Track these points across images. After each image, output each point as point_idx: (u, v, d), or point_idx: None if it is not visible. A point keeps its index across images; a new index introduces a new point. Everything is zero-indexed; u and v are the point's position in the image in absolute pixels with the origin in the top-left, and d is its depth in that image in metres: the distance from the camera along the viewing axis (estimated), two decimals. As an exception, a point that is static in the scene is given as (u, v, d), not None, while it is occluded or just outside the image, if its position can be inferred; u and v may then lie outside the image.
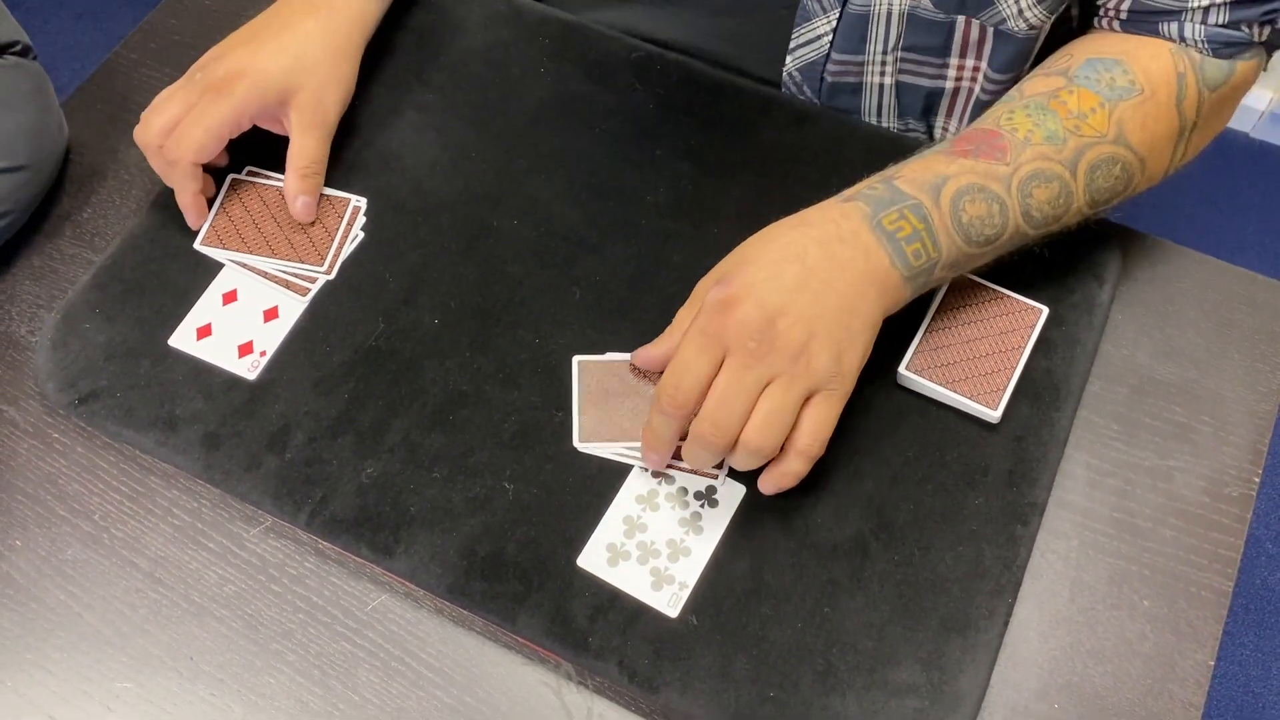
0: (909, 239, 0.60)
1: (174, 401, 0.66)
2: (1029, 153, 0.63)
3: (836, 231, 0.60)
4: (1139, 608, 0.62)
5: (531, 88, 0.78)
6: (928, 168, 0.62)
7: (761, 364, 0.57)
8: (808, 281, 0.58)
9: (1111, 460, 0.67)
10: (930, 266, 0.61)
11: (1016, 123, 0.64)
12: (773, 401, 0.57)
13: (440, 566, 0.61)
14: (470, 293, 0.70)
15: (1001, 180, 0.62)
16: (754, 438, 0.57)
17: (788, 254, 0.59)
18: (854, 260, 0.59)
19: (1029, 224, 0.63)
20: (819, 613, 0.60)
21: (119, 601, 0.63)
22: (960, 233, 0.61)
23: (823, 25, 0.75)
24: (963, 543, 0.62)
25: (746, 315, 0.57)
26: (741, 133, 0.76)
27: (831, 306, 0.58)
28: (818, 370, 0.58)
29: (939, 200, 0.61)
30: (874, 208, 0.61)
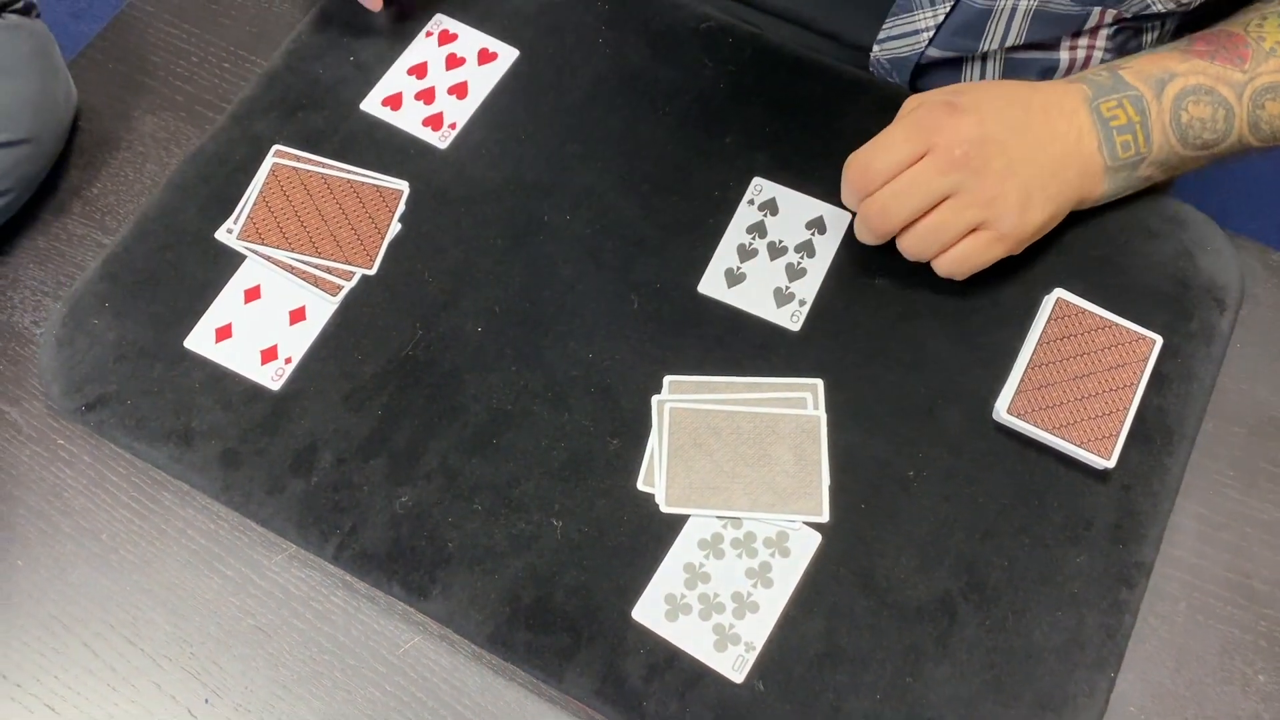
0: (1122, 129, 0.59)
1: (190, 412, 0.60)
2: (1271, 64, 0.60)
3: (1058, 103, 0.59)
4: (1253, 683, 0.56)
5: (588, 60, 0.70)
6: (1157, 62, 0.61)
7: (956, 174, 0.57)
8: (1026, 128, 0.58)
9: (1225, 512, 0.60)
10: (1136, 161, 0.60)
11: (1267, 30, 0.61)
12: (944, 216, 0.58)
13: (480, 612, 0.56)
14: (516, 297, 0.63)
15: (1234, 86, 0.60)
16: (911, 241, 0.59)
17: (1015, 98, 0.59)
18: (1067, 134, 0.59)
19: (1255, 135, 0.61)
20: (900, 683, 0.54)
21: (129, 631, 0.58)
22: (1177, 132, 0.60)
23: (925, 19, 0.67)
24: (1062, 607, 0.55)
25: (966, 124, 0.57)
26: (823, 119, 0.68)
27: (1038, 159, 0.58)
28: (1000, 208, 0.57)
29: (1161, 95, 0.60)
30: (1095, 91, 0.60)
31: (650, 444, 0.59)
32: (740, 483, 0.57)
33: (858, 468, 0.58)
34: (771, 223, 0.65)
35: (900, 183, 0.57)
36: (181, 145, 0.71)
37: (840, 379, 0.60)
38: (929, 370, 0.61)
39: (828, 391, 0.60)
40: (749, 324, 0.62)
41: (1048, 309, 0.61)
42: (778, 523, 0.57)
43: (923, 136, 0.57)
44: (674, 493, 0.57)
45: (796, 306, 0.62)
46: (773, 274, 0.63)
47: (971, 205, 0.57)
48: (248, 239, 0.64)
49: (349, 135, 0.68)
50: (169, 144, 0.71)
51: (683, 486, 0.58)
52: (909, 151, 0.57)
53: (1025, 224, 0.58)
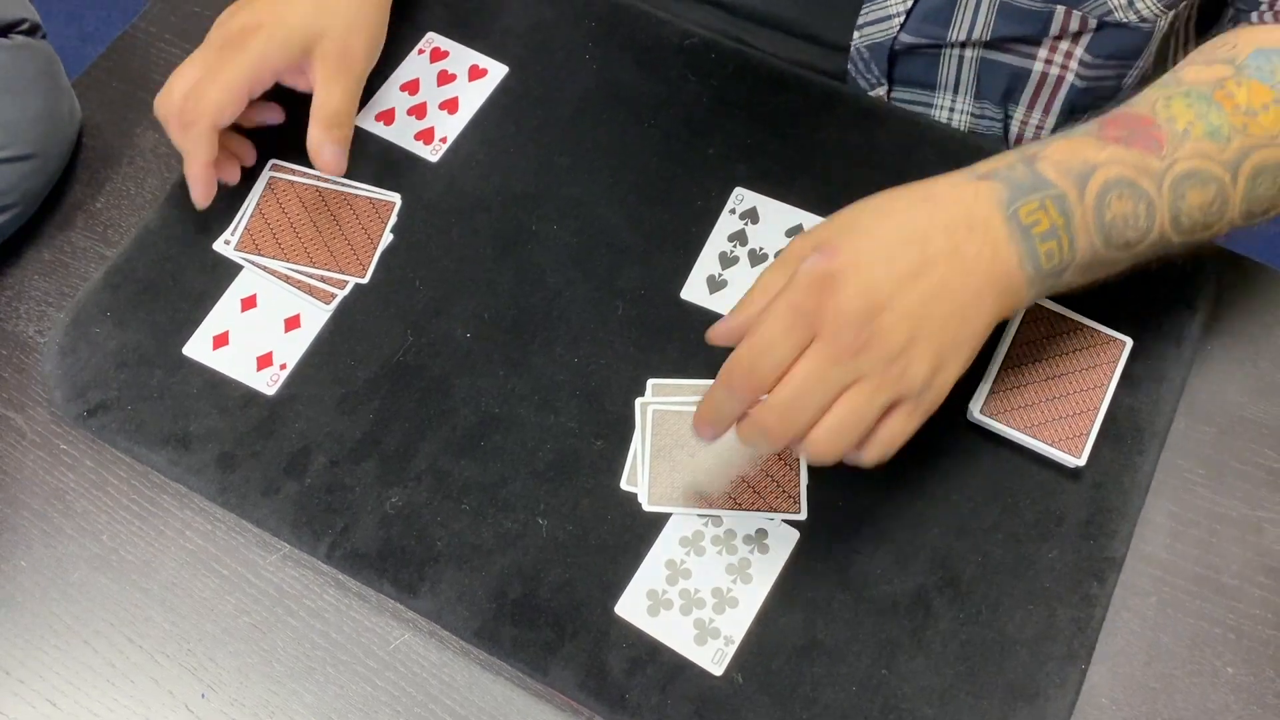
0: (1045, 235, 0.52)
1: (188, 417, 0.62)
2: (1188, 148, 0.55)
3: (966, 216, 0.52)
4: (1222, 675, 0.57)
5: (576, 75, 0.73)
6: (1074, 151, 0.54)
7: (852, 361, 0.50)
8: (924, 273, 0.51)
9: (1195, 509, 0.61)
10: (1061, 269, 0.54)
11: (1175, 111, 0.56)
12: (853, 406, 0.50)
13: (468, 609, 0.57)
14: (505, 304, 0.65)
15: (1153, 176, 0.54)
16: (822, 441, 0.51)
17: (907, 234, 0.52)
18: (980, 256, 0.52)
19: (1175, 230, 0.55)
20: (876, 675, 0.55)
21: (128, 629, 0.60)
22: (1101, 233, 0.54)
23: (896, 5, 0.68)
24: (1033, 601, 0.57)
25: (848, 301, 0.50)
26: (802, 131, 0.70)
27: (943, 308, 0.51)
28: (911, 380, 0.51)
29: (1084, 192, 0.53)
30: (1011, 193, 0.53)
31: (634, 445, 0.61)
32: (720, 484, 0.59)
33: (835, 466, 0.60)
34: (752, 231, 0.66)
35: (793, 384, 0.50)
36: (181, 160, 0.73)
37: (818, 381, 0.62)
38: (905, 372, 0.62)
39: (806, 393, 0.62)
40: (730, 328, 0.64)
41: (1020, 313, 0.62)
42: (757, 520, 0.58)
43: (803, 323, 0.50)
44: (656, 492, 0.59)
45: (776, 311, 0.64)
46: (753, 280, 0.65)
47: (880, 389, 0.50)
48: (244, 250, 0.66)
49: (343, 149, 0.70)
50: (169, 159, 0.73)
51: (665, 486, 0.59)
52: (793, 344, 0.50)
53: (942, 382, 0.52)
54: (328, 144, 0.65)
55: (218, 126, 0.63)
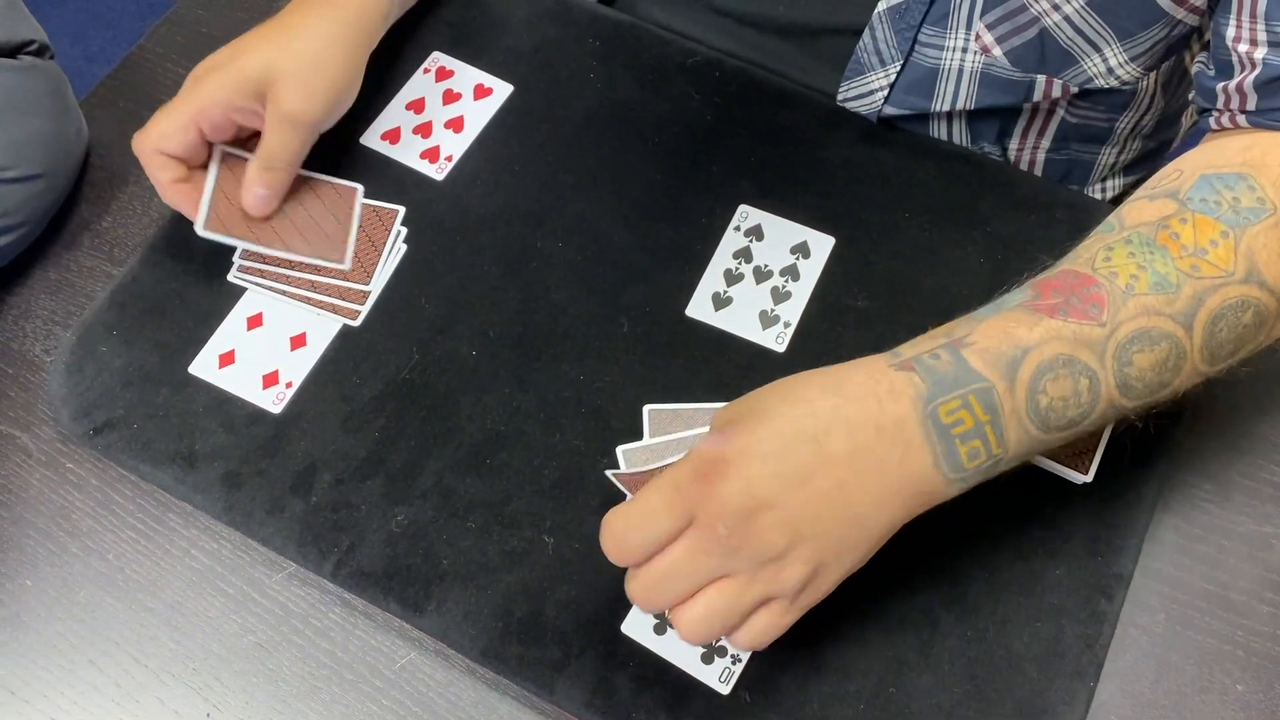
0: (967, 435, 0.48)
1: (194, 435, 0.62)
2: (1131, 306, 0.50)
3: (876, 415, 0.48)
4: (1231, 693, 0.57)
5: (580, 94, 0.73)
6: (1006, 334, 0.50)
7: (724, 555, 0.48)
8: (815, 475, 0.47)
9: (1203, 525, 0.61)
10: (988, 467, 0.50)
11: (1115, 264, 0.51)
12: (718, 599, 0.48)
13: (474, 627, 0.57)
14: (510, 321, 0.65)
15: (1094, 347, 0.50)
16: (687, 623, 0.49)
17: (805, 429, 0.48)
18: (886, 460, 0.48)
19: (1127, 396, 0.51)
20: (884, 692, 0.55)
21: (133, 649, 0.60)
22: (1036, 420, 0.49)
23: (878, 79, 0.69)
24: (1041, 618, 0.57)
25: (727, 495, 0.47)
26: (806, 149, 0.70)
27: (833, 513, 0.48)
28: (784, 582, 0.48)
29: (1014, 382, 0.49)
30: (931, 389, 0.48)
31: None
32: None
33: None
34: (757, 248, 0.67)
35: (661, 565, 0.48)
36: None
37: (824, 398, 0.62)
38: (910, 389, 0.62)
39: (812, 410, 0.62)
40: (735, 346, 0.64)
41: None
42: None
43: (683, 506, 0.48)
44: None
45: (781, 328, 0.64)
46: (758, 297, 0.65)
47: (750, 585, 0.48)
48: (212, 229, 0.65)
49: (349, 168, 0.70)
50: (176, 179, 0.73)
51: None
52: (669, 526, 0.48)
53: (821, 584, 0.50)
54: (257, 185, 0.65)
55: (164, 153, 0.64)
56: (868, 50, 0.68)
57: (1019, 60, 0.65)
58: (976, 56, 0.66)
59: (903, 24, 0.67)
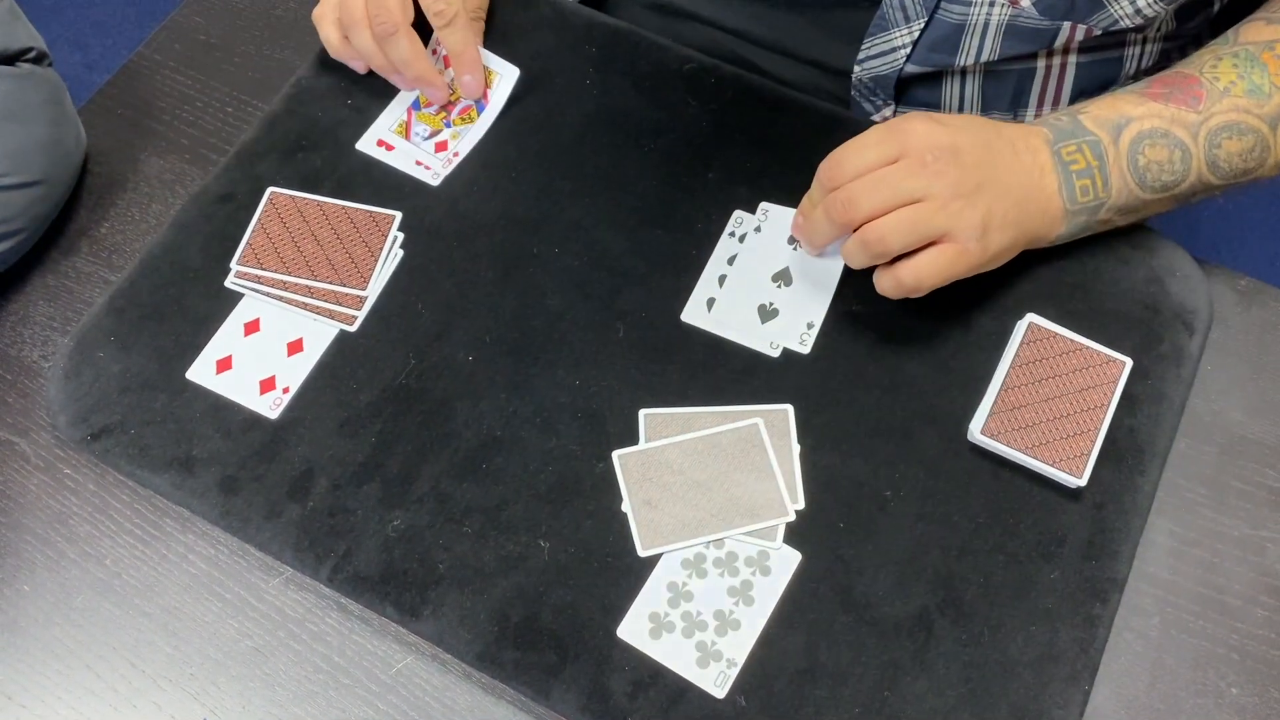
0: (1081, 173, 0.60)
1: (191, 441, 0.62)
2: (1225, 103, 0.61)
3: (1024, 139, 0.61)
4: (1226, 696, 0.57)
5: (577, 100, 0.73)
6: (1114, 106, 0.62)
7: (926, 179, 0.57)
8: (996, 153, 0.59)
9: (1198, 529, 0.61)
10: (1095, 206, 0.61)
11: (1220, 71, 0.61)
12: (910, 214, 0.57)
13: (470, 631, 0.57)
14: (507, 327, 0.65)
15: (1189, 127, 0.61)
16: (876, 231, 0.58)
17: (986, 127, 0.60)
18: (1030, 169, 0.60)
19: (1214, 174, 0.61)
20: (879, 697, 0.55)
21: (130, 653, 0.60)
22: (1135, 176, 0.61)
23: (902, 37, 0.69)
24: (1036, 622, 0.57)
25: (940, 133, 0.58)
26: (802, 155, 0.70)
27: (1003, 184, 0.59)
28: (965, 221, 0.58)
29: (1118, 140, 0.60)
30: (1056, 135, 0.61)
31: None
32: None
33: (837, 488, 0.60)
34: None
35: (869, 178, 0.58)
36: (186, 186, 0.73)
37: (819, 402, 0.62)
38: (905, 393, 0.62)
39: (808, 414, 0.62)
40: (730, 351, 0.64)
41: (1020, 333, 0.62)
42: (757, 543, 0.58)
43: (897, 140, 0.58)
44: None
45: (781, 334, 0.64)
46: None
47: (938, 212, 0.58)
48: (246, 264, 0.66)
49: (346, 174, 0.70)
50: (174, 185, 0.74)
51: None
52: (882, 153, 0.58)
53: (987, 245, 0.59)
54: (466, 73, 0.70)
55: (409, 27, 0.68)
56: (893, 6, 0.69)
57: (1048, 9, 0.67)
58: (1004, 9, 0.67)
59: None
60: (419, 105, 0.73)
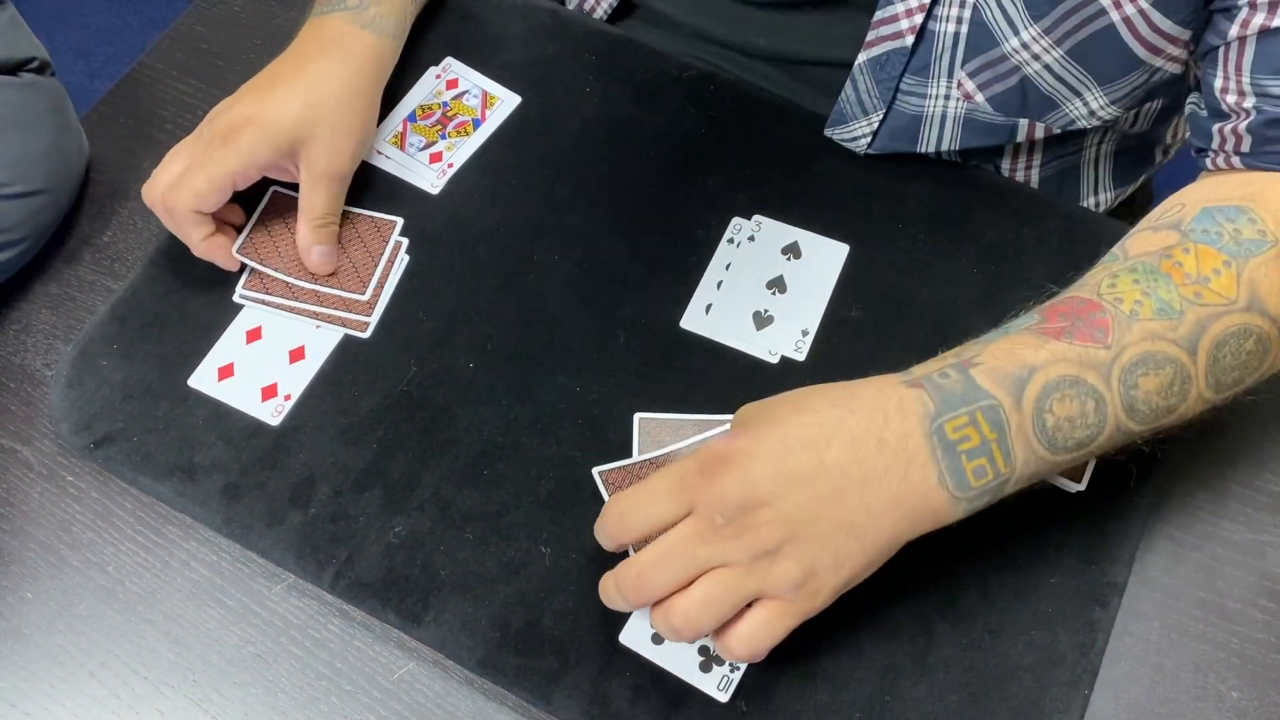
0: (973, 452, 0.49)
1: (193, 448, 0.63)
2: (1136, 330, 0.52)
3: (881, 429, 0.49)
4: (1226, 700, 0.57)
5: (577, 108, 0.74)
6: (1011, 354, 0.51)
7: (719, 546, 0.49)
8: (814, 479, 0.49)
9: (1197, 533, 0.61)
10: (996, 486, 0.50)
11: (1120, 290, 0.53)
12: (712, 586, 0.49)
13: (471, 637, 0.57)
14: (508, 334, 0.66)
15: (1099, 369, 0.51)
16: (679, 612, 0.50)
17: (808, 437, 0.50)
18: (887, 473, 0.49)
19: (1134, 419, 0.52)
20: (879, 701, 0.55)
21: (133, 660, 0.60)
22: (1043, 439, 0.50)
23: (861, 128, 0.69)
24: (1036, 626, 0.57)
25: (727, 488, 0.49)
26: (799, 161, 0.71)
27: (829, 519, 0.49)
28: (777, 578, 0.49)
29: (1021, 400, 0.50)
30: (940, 405, 0.50)
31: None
32: None
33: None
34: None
35: (656, 550, 0.50)
36: (188, 195, 0.74)
37: (819, 408, 0.62)
38: (905, 399, 0.63)
39: (807, 420, 0.62)
40: (729, 357, 0.64)
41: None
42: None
43: (684, 494, 0.50)
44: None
45: (779, 340, 0.65)
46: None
47: (743, 579, 0.49)
48: (245, 255, 0.66)
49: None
50: (176, 194, 0.74)
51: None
52: (670, 510, 0.50)
53: (816, 590, 0.50)
54: (316, 245, 0.66)
55: (200, 211, 0.64)
56: (850, 101, 0.69)
57: (1001, 105, 0.66)
58: (960, 103, 0.67)
59: (883, 75, 0.67)
60: (415, 117, 0.73)
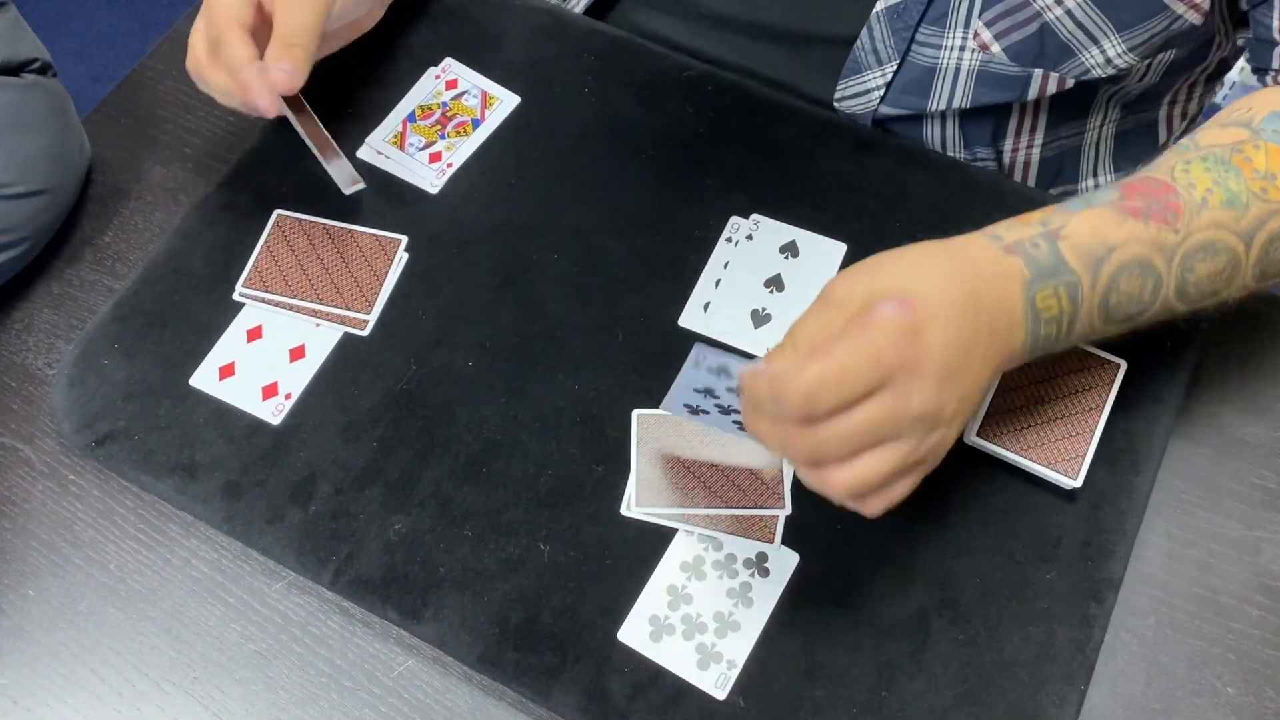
0: (1050, 321, 0.53)
1: (194, 446, 0.63)
2: (1204, 218, 0.54)
3: (1001, 294, 0.51)
4: (1222, 695, 0.58)
5: (576, 108, 0.74)
6: (1095, 231, 0.53)
7: (908, 421, 0.48)
8: (975, 343, 0.50)
9: (1193, 529, 0.62)
10: (1047, 346, 0.54)
11: (1194, 177, 0.55)
12: (884, 460, 0.48)
13: (470, 634, 0.58)
14: (506, 333, 0.66)
15: (1166, 252, 0.54)
16: (840, 483, 0.49)
17: (967, 302, 0.50)
18: (994, 335, 0.51)
19: (1180, 300, 0.55)
20: (876, 697, 0.56)
21: (134, 658, 0.60)
22: (1103, 313, 0.54)
23: (875, 79, 0.70)
24: (1032, 622, 0.57)
25: (930, 362, 0.48)
26: (798, 161, 0.71)
27: (978, 381, 0.51)
28: (939, 449, 0.51)
29: (1097, 279, 0.53)
30: (1034, 275, 0.52)
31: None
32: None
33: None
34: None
35: (848, 424, 0.48)
36: (189, 195, 0.74)
37: (816, 406, 0.63)
38: (902, 396, 0.63)
39: (805, 418, 0.62)
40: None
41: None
42: (756, 544, 0.59)
43: (882, 372, 0.47)
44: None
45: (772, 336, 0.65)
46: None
47: (913, 453, 0.49)
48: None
49: (347, 182, 0.71)
50: (177, 194, 0.74)
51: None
52: (864, 388, 0.47)
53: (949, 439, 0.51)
54: (281, 62, 0.63)
55: (243, 25, 0.63)
56: (864, 49, 0.69)
57: (1018, 55, 0.66)
58: (974, 54, 0.67)
59: (900, 24, 0.68)
60: (414, 118, 0.73)
